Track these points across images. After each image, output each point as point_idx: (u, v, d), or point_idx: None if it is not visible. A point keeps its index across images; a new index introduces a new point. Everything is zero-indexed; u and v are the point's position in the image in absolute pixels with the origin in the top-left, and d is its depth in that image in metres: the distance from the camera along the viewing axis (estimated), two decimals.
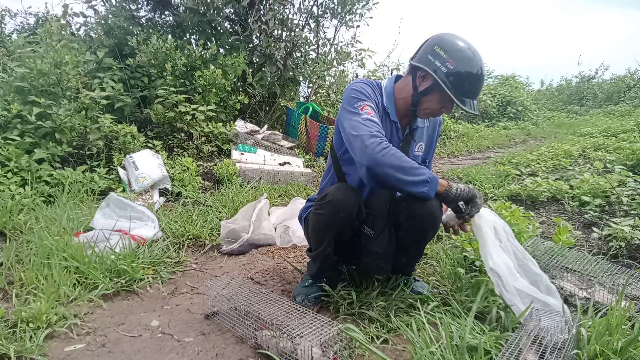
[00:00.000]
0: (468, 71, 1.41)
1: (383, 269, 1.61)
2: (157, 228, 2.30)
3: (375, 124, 1.41)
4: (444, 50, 1.42)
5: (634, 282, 1.65)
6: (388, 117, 1.58)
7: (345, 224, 1.50)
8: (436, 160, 5.98)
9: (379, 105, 1.56)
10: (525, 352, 1.15)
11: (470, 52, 1.43)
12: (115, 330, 1.50)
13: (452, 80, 1.41)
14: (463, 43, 1.44)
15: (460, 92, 1.43)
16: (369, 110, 1.44)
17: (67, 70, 3.11)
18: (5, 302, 1.63)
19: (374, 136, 1.37)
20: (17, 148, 2.78)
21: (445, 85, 1.42)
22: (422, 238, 1.60)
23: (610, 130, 7.14)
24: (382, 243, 1.55)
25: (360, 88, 1.53)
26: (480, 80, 1.46)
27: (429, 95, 1.49)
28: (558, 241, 1.97)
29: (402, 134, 1.62)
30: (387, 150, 1.34)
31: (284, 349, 1.28)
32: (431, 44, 1.46)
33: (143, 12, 4.92)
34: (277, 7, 4.88)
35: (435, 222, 1.53)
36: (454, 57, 1.41)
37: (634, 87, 13.53)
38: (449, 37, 1.46)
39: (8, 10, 6.05)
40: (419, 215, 1.49)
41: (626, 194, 2.80)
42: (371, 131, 1.38)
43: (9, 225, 2.27)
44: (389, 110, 1.57)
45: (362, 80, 1.58)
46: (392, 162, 1.33)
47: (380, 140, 1.36)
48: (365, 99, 1.49)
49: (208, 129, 4.08)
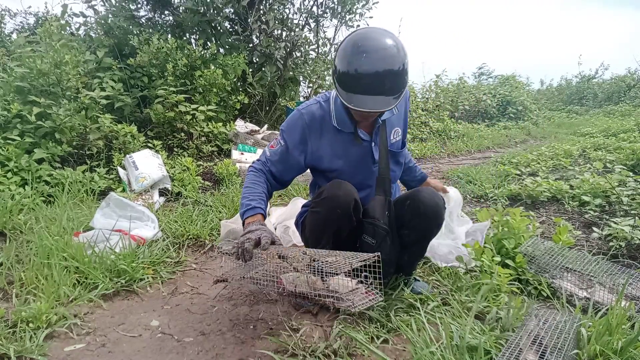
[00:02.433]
0: (344, 70, 1.35)
1: (388, 272, 1.61)
2: (157, 228, 2.30)
3: (264, 155, 1.63)
4: (336, 52, 1.42)
5: (634, 282, 1.65)
6: (342, 133, 1.55)
7: (342, 220, 1.49)
8: (436, 160, 5.98)
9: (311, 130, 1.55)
10: (525, 352, 1.15)
11: (351, 46, 1.34)
12: (115, 330, 1.50)
13: (337, 78, 1.39)
14: (352, 40, 1.36)
15: (347, 88, 1.36)
16: (272, 144, 1.62)
17: (67, 70, 3.11)
18: (5, 302, 1.63)
19: (251, 165, 1.64)
20: (17, 148, 2.78)
21: (336, 81, 1.40)
22: (426, 236, 1.60)
23: (610, 130, 7.14)
24: (385, 250, 1.51)
25: (288, 121, 1.60)
26: (363, 75, 1.31)
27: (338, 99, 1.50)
28: (558, 241, 1.97)
29: (367, 136, 1.58)
30: (246, 177, 1.61)
31: (314, 283, 1.28)
32: None
33: (143, 12, 4.93)
34: (277, 7, 4.88)
35: (439, 220, 1.54)
36: (338, 56, 1.38)
37: (634, 87, 13.53)
38: (347, 38, 1.39)
39: (8, 10, 6.06)
40: (424, 214, 1.51)
41: (626, 194, 2.80)
42: (256, 160, 1.66)
43: (9, 225, 2.27)
44: (339, 126, 1.54)
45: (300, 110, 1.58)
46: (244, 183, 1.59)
47: (250, 168, 1.63)
48: (282, 133, 1.59)
49: (208, 128, 4.08)
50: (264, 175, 1.59)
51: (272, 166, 1.59)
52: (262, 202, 1.52)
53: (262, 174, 1.59)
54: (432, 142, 6.88)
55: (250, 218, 1.47)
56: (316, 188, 1.72)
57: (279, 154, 1.58)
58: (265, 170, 1.60)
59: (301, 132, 1.55)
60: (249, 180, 1.58)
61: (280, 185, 1.65)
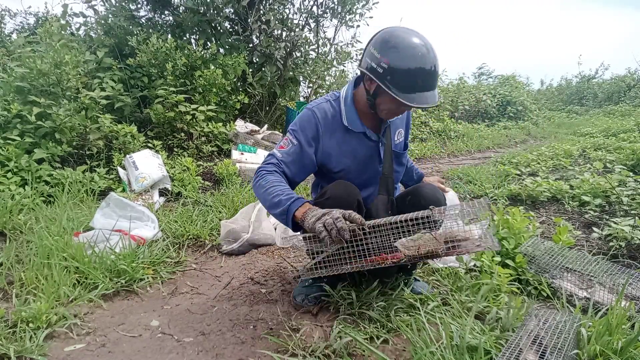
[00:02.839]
0: (402, 68, 1.33)
1: (392, 272, 1.62)
2: (157, 228, 2.30)
3: (273, 157, 1.51)
4: (377, 49, 1.37)
5: (634, 282, 1.65)
6: (352, 133, 1.55)
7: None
8: (436, 160, 5.98)
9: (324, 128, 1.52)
10: (525, 352, 1.15)
11: (404, 45, 1.34)
12: (115, 330, 1.50)
13: (390, 79, 1.34)
14: (398, 38, 1.35)
15: (402, 89, 1.35)
16: (282, 145, 1.54)
17: (67, 70, 3.11)
18: (5, 302, 1.63)
19: (260, 168, 1.50)
20: (17, 148, 2.78)
21: (385, 85, 1.35)
22: None
23: (610, 130, 7.15)
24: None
25: (300, 118, 1.55)
26: (422, 72, 1.34)
27: (380, 97, 1.45)
28: (558, 241, 1.97)
29: (377, 136, 1.59)
30: (256, 182, 1.47)
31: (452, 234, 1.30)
32: (370, 44, 1.42)
33: (143, 12, 4.92)
34: (277, 7, 4.88)
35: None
36: (386, 55, 1.34)
37: (634, 87, 13.53)
38: (384, 35, 1.38)
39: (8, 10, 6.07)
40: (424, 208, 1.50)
41: (626, 194, 2.80)
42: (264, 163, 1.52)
43: (9, 225, 2.27)
44: (350, 126, 1.54)
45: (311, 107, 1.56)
46: (258, 193, 1.46)
47: (262, 170, 1.48)
48: (293, 131, 1.53)
49: (208, 128, 4.08)
50: (281, 176, 1.48)
51: (286, 167, 1.49)
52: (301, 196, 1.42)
53: (279, 174, 1.47)
54: (432, 142, 6.88)
55: (301, 208, 1.34)
56: (319, 188, 1.72)
57: (292, 154, 1.50)
58: (279, 171, 1.48)
59: (315, 128, 1.52)
60: (269, 179, 1.43)
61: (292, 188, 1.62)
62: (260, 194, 1.43)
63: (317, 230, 1.27)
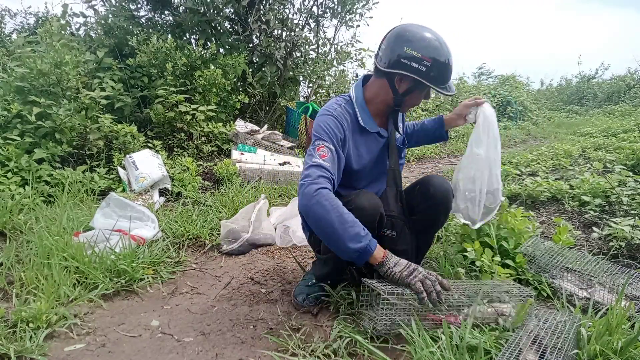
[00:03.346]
0: (442, 61, 1.45)
1: None
2: (157, 228, 2.30)
3: (322, 169, 1.38)
4: (415, 49, 1.42)
5: (634, 282, 1.65)
6: (367, 133, 1.59)
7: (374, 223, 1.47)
8: (436, 160, 5.98)
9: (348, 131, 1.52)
10: (525, 352, 1.15)
11: (436, 41, 1.45)
12: (115, 330, 1.50)
13: (433, 76, 1.44)
14: (428, 34, 1.46)
15: (441, 82, 1.47)
16: (323, 153, 1.42)
17: (67, 70, 3.11)
18: (5, 302, 1.63)
19: (312, 182, 1.34)
20: (17, 148, 2.78)
21: (429, 82, 1.45)
22: (434, 222, 1.65)
23: (610, 130, 7.14)
24: (405, 240, 1.58)
25: (324, 124, 1.49)
26: (451, 62, 1.49)
27: (411, 94, 1.53)
28: (558, 241, 1.97)
29: (386, 132, 1.64)
30: (316, 199, 1.30)
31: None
32: (398, 44, 1.44)
33: (143, 12, 4.92)
34: (277, 7, 4.88)
35: (448, 205, 1.59)
36: (427, 53, 1.42)
37: (634, 87, 13.53)
38: (412, 33, 1.45)
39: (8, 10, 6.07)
40: (433, 196, 1.55)
41: (626, 194, 2.79)
42: (315, 176, 1.36)
43: (9, 225, 2.27)
44: (367, 126, 1.57)
45: (329, 111, 1.53)
46: (319, 213, 1.30)
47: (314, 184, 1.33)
48: (325, 137, 1.46)
49: (208, 128, 4.08)
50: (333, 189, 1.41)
51: (333, 176, 1.42)
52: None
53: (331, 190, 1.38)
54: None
55: (380, 251, 1.35)
56: None
57: (332, 161, 1.44)
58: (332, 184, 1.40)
59: (343, 132, 1.51)
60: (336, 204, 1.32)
61: None
62: (327, 218, 1.30)
63: (415, 288, 1.30)
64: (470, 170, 1.67)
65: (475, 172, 1.66)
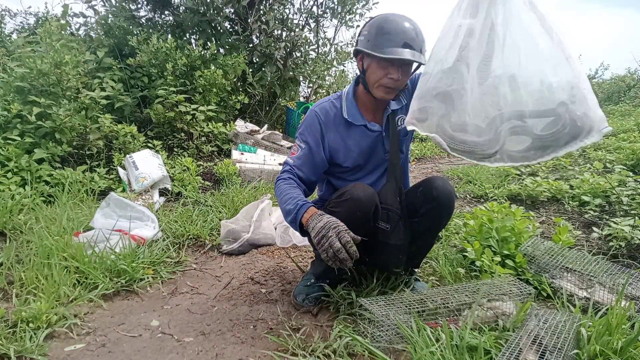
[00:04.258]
0: (379, 26, 1.46)
1: (401, 261, 1.63)
2: (157, 228, 2.30)
3: (287, 165, 1.60)
4: (361, 29, 1.56)
5: (633, 281, 1.64)
6: (353, 127, 1.62)
7: (361, 223, 1.48)
8: (436, 160, 5.98)
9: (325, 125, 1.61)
10: (525, 352, 1.15)
11: (387, 15, 1.48)
12: (115, 330, 1.50)
13: (371, 42, 1.46)
14: (377, 16, 1.52)
15: (381, 46, 1.44)
16: (293, 151, 1.63)
17: (67, 70, 3.11)
18: (5, 302, 1.63)
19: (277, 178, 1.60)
20: (17, 148, 2.78)
21: (369, 49, 1.46)
22: (436, 224, 1.63)
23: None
24: (399, 235, 1.57)
25: (305, 120, 1.64)
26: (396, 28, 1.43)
27: (368, 70, 1.53)
28: (558, 241, 1.97)
29: (377, 126, 1.64)
30: (275, 192, 1.57)
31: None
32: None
33: (143, 12, 4.93)
34: (277, 7, 4.88)
35: (451, 207, 1.58)
36: (367, 25, 1.51)
37: (633, 87, 13.52)
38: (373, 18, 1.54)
39: (8, 10, 6.06)
40: (436, 198, 1.54)
41: (626, 194, 2.79)
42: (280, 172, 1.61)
43: (9, 225, 2.27)
44: (350, 119, 1.61)
45: (314, 107, 1.64)
46: (279, 203, 1.53)
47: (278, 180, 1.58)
48: (301, 134, 1.63)
49: (208, 128, 4.08)
50: (296, 181, 1.57)
51: (299, 171, 1.58)
52: (304, 199, 1.48)
53: (293, 180, 1.56)
54: (432, 142, 6.87)
55: (306, 214, 1.41)
56: (324, 185, 1.78)
57: (303, 157, 1.59)
58: (294, 176, 1.58)
59: (319, 127, 1.61)
60: (283, 187, 1.53)
61: (309, 189, 1.65)
62: (279, 204, 1.53)
63: (320, 251, 1.34)
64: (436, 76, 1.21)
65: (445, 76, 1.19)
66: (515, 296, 1.51)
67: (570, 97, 1.11)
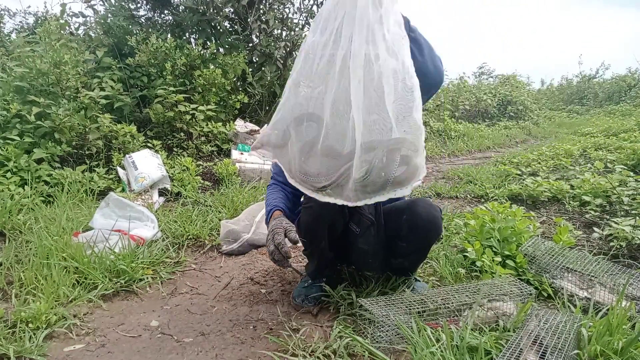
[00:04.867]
0: None
1: (371, 265, 1.65)
2: (156, 228, 2.30)
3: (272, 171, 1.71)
4: None
5: (634, 282, 1.64)
6: None
7: (336, 215, 1.50)
8: (436, 160, 5.98)
9: None
10: (525, 353, 1.14)
11: None
12: (115, 331, 1.50)
13: None
14: None
15: None
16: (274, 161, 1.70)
17: (66, 69, 3.11)
18: (5, 302, 1.63)
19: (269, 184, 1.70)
20: (16, 148, 2.78)
21: None
22: (426, 246, 1.63)
23: (611, 130, 7.13)
24: (367, 240, 1.57)
25: None
26: None
27: None
28: (559, 241, 1.97)
29: None
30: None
31: None
32: None
33: (142, 12, 4.92)
34: (277, 7, 4.88)
35: (439, 230, 1.56)
36: None
37: (634, 87, 13.52)
38: None
39: (7, 10, 6.05)
40: (422, 227, 1.51)
41: (627, 194, 2.79)
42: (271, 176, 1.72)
43: (8, 225, 2.27)
44: None
45: None
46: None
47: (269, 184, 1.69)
48: None
49: (208, 128, 4.08)
50: (279, 186, 1.65)
51: (278, 177, 1.65)
52: (279, 201, 1.59)
53: (276, 186, 1.66)
54: (432, 142, 6.87)
55: (271, 217, 1.52)
56: None
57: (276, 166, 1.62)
58: (277, 182, 1.66)
59: None
60: (268, 192, 1.66)
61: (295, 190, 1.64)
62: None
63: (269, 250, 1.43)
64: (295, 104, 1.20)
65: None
66: (516, 296, 1.50)
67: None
